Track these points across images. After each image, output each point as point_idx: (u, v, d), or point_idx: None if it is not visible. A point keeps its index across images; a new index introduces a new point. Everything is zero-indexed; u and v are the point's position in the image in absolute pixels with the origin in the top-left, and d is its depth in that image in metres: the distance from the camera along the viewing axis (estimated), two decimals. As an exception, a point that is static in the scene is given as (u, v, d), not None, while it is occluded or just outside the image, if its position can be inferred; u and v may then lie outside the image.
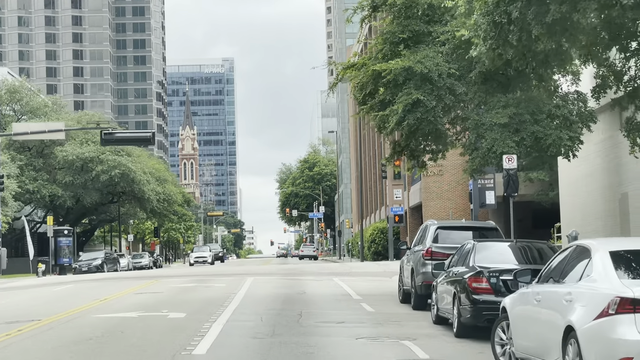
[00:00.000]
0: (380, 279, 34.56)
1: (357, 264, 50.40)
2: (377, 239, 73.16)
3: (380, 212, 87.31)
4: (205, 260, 74.56)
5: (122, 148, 77.11)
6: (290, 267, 45.30)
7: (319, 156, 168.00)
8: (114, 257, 66.13)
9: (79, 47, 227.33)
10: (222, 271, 42.73)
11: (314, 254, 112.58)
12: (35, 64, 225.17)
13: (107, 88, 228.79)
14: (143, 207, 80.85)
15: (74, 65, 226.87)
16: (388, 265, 43.20)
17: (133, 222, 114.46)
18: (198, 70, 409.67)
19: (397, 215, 58.82)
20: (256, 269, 45.62)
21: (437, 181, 58.52)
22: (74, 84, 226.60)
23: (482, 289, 14.74)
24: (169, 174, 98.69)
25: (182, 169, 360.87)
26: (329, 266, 45.26)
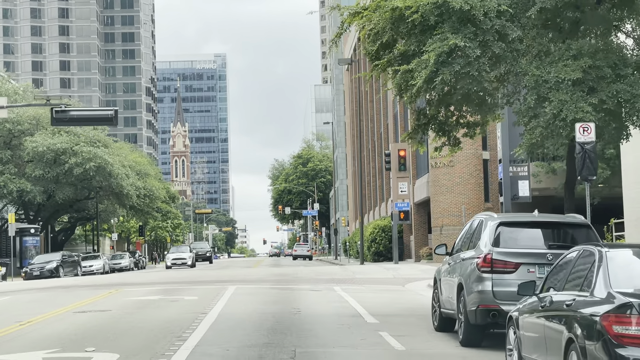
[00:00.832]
0: (392, 289, 27.84)
1: (358, 267, 43.58)
2: (378, 238, 66.46)
3: (381, 208, 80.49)
4: (184, 262, 64.52)
5: (98, 139, 70.22)
6: (282, 272, 38.37)
7: (313, 151, 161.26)
8: (73, 260, 58.48)
9: (66, 40, 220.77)
10: (201, 277, 35.99)
11: (308, 254, 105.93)
12: (21, 57, 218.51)
13: (95, 82, 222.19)
14: (122, 203, 73.75)
15: (61, 59, 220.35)
16: (397, 270, 36.39)
17: (118, 220, 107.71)
18: (190, 66, 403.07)
19: (402, 212, 52.18)
20: (243, 273, 38.73)
21: (447, 173, 51.87)
22: (61, 79, 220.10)
23: (634, 338, 7.90)
24: (153, 168, 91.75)
25: (173, 166, 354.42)
26: (327, 270, 38.41)
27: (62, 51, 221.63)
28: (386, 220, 67.70)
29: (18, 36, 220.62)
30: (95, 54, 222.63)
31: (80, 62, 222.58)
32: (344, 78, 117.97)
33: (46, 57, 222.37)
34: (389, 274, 34.60)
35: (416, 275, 33.26)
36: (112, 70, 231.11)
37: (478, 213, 17.22)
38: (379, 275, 33.78)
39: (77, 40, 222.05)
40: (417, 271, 35.69)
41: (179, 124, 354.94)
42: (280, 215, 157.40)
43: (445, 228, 51.97)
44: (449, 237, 51.67)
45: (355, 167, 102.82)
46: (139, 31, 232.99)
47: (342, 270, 38.33)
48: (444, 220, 52.01)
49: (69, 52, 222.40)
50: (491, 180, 53.08)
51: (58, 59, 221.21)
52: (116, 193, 71.15)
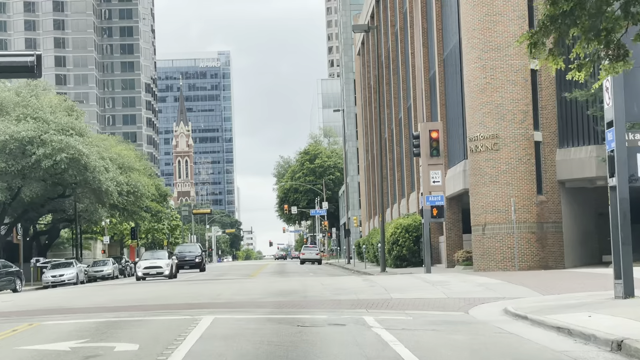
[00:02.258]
0: (457, 320, 17.78)
1: (385, 278, 33.28)
2: (400, 240, 56.29)
3: (400, 205, 70.24)
4: (160, 271, 50.87)
5: (72, 126, 59.94)
6: (287, 287, 27.96)
7: (321, 147, 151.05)
8: (10, 272, 46.38)
9: (61, 35, 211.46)
10: (174, 296, 25.84)
11: (317, 258, 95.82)
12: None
13: (92, 79, 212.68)
14: (100, 201, 63.29)
15: (56, 54, 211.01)
16: (444, 285, 25.98)
17: (110, 222, 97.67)
18: (193, 64, 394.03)
19: (435, 207, 41.97)
20: (234, 289, 28.36)
21: (490, 159, 41.68)
22: (56, 75, 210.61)
23: None
24: (142, 162, 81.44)
25: (177, 166, 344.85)
26: (347, 284, 28.14)
27: (58, 46, 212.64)
28: (410, 219, 57.51)
29: (11, 31, 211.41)
30: (92, 49, 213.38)
31: (76, 57, 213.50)
32: (355, 65, 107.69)
33: (41, 53, 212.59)
34: (435, 290, 24.37)
35: (475, 293, 23.14)
36: (110, 66, 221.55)
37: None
38: (423, 293, 23.56)
39: (72, 35, 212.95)
40: (470, 285, 25.53)
41: (182, 123, 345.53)
42: (287, 215, 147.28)
43: (488, 227, 41.80)
44: (493, 238, 41.51)
45: (369, 161, 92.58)
46: (137, 25, 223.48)
47: (367, 283, 28.02)
48: (487, 218, 41.85)
49: (65, 48, 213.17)
50: (544, 168, 42.84)
51: (53, 54, 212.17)
52: (93, 189, 60.79)
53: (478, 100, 42.36)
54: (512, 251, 41.08)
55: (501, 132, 41.69)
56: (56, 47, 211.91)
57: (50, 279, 55.26)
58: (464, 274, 34.63)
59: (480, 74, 42.30)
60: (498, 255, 41.37)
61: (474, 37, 42.58)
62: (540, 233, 41.76)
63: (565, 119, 43.01)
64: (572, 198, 43.52)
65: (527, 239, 41.42)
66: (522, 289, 23.83)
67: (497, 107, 41.85)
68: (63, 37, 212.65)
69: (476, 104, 42.47)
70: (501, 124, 41.73)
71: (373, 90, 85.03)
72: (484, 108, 42.14)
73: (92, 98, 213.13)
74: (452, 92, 49.59)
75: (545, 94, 43.06)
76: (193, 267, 66.66)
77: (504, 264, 41.17)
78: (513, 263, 40.95)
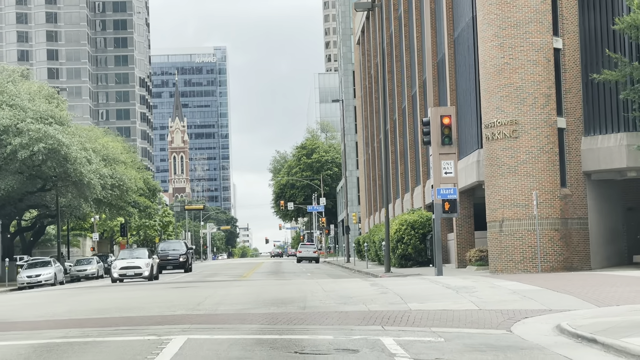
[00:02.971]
0: (504, 343, 13.64)
1: (395, 282, 28.98)
2: (405, 237, 52.00)
3: (404, 200, 65.96)
4: (139, 272, 45.17)
5: (52, 115, 55.56)
6: (282, 294, 23.48)
7: (318, 141, 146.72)
8: None
9: (54, 27, 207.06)
10: (146, 304, 21.36)
11: (315, 256, 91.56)
12: (5, 46, 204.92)
13: (85, 73, 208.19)
14: (82, 195, 58.62)
15: (48, 47, 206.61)
16: (471, 293, 21.56)
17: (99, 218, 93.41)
18: (188, 59, 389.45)
19: (447, 201, 37.68)
20: (219, 295, 23.88)
21: (509, 148, 37.39)
22: (49, 69, 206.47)
23: None
24: (130, 155, 76.89)
25: (172, 162, 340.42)
26: (352, 290, 23.81)
27: (50, 39, 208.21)
28: (416, 214, 53.25)
29: (3, 24, 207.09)
30: (85, 43, 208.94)
31: (69, 51, 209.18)
32: (354, 55, 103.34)
33: (33, 46, 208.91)
34: (461, 299, 20.10)
35: (511, 303, 18.91)
36: (104, 59, 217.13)
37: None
38: (448, 303, 19.29)
39: (65, 28, 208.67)
40: (501, 292, 21.30)
41: (177, 119, 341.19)
42: (283, 211, 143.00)
43: (507, 223, 37.54)
44: (512, 235, 37.28)
45: (369, 155, 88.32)
46: (131, 19, 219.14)
47: (376, 289, 23.75)
48: (505, 213, 37.57)
49: (57, 41, 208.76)
50: (568, 157, 38.59)
51: (45, 47, 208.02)
52: (74, 182, 56.31)
53: (495, 83, 38.11)
54: (534, 250, 36.84)
55: (521, 117, 37.42)
56: (48, 40, 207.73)
57: (25, 279, 50.93)
58: (486, 277, 30.36)
59: (497, 53, 38.05)
60: (517, 254, 37.13)
61: (491, 13, 38.30)
62: (564, 230, 37.52)
63: (592, 103, 38.75)
64: (599, 191, 39.26)
65: (549, 237, 37.18)
66: (567, 298, 19.60)
67: (516, 90, 37.58)
68: (55, 30, 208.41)
69: (493, 86, 38.21)
70: (521, 109, 37.47)
71: (374, 80, 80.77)
72: (501, 91, 37.88)
73: (85, 92, 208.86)
74: (464, 76, 45.29)
75: (569, 76, 38.82)
76: (177, 267, 59.85)
77: (524, 264, 36.94)
78: (534, 264, 36.71)
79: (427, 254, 51.89)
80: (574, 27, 38.81)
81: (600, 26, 38.49)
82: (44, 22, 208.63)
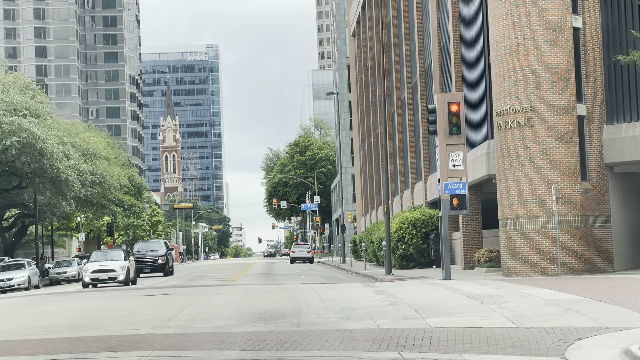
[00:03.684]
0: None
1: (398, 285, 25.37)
2: (407, 237, 48.31)
3: (403, 197, 62.28)
4: (113, 276, 40.24)
5: (26, 107, 51.73)
6: (272, 303, 19.70)
7: (312, 138, 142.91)
8: None
9: (42, 24, 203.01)
10: (105, 319, 17.37)
11: (309, 256, 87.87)
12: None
13: (74, 70, 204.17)
14: (60, 192, 54.56)
15: (37, 44, 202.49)
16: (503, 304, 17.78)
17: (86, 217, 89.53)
18: (180, 57, 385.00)
19: (455, 197, 34.06)
20: (199, 306, 20.10)
21: (524, 137, 33.74)
22: (37, 66, 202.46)
23: None
24: (114, 151, 72.95)
25: (164, 161, 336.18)
26: (355, 298, 20.00)
27: (38, 36, 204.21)
28: (417, 212, 49.57)
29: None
30: (74, 40, 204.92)
31: (57, 48, 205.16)
32: (349, 48, 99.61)
33: (20, 43, 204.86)
34: (490, 312, 16.42)
35: (553, 318, 15.29)
36: (93, 57, 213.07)
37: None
38: (475, 319, 15.62)
39: (53, 25, 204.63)
40: (536, 303, 17.67)
41: (169, 117, 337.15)
42: (276, 210, 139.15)
43: (521, 221, 33.88)
44: (527, 234, 33.65)
45: (364, 151, 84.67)
46: (121, 15, 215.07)
47: (383, 298, 20.08)
48: (520, 209, 33.91)
49: (46, 37, 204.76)
50: (589, 148, 34.96)
51: (34, 44, 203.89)
52: (51, 179, 52.44)
53: (508, 66, 34.45)
54: (552, 251, 33.22)
55: (537, 104, 33.79)
56: (37, 37, 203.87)
57: None
58: (503, 281, 26.68)
59: (510, 33, 34.40)
60: (533, 255, 33.49)
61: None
62: (584, 228, 33.90)
63: (615, 88, 35.12)
64: (623, 185, 35.64)
65: (569, 236, 33.55)
66: (621, 310, 15.96)
67: (531, 74, 33.94)
68: (44, 27, 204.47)
69: (505, 70, 34.56)
70: (537, 95, 33.83)
71: (370, 72, 77.12)
72: (515, 75, 34.24)
73: (74, 90, 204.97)
74: (472, 60, 41.62)
75: (590, 58, 35.21)
76: (155, 270, 53.77)
77: (541, 266, 33.31)
78: (553, 266, 33.08)
79: (430, 255, 48.31)
80: (595, 5, 35.20)
81: (624, 3, 34.87)
82: (31, 18, 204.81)
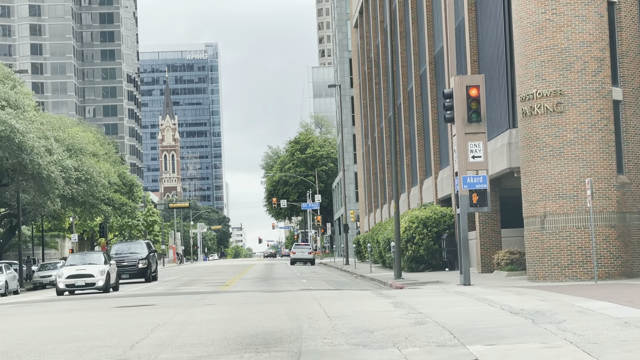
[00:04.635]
0: None
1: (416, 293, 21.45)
2: (417, 237, 44.40)
3: (410, 195, 58.42)
4: (92, 282, 35.96)
5: (5, 97, 47.79)
6: (266, 325, 15.69)
7: (313, 136, 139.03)
8: None
9: (37, 21, 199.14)
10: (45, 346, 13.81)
11: (310, 257, 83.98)
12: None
13: (70, 68, 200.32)
14: (42, 189, 50.29)
15: (32, 42, 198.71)
16: (561, 323, 14.01)
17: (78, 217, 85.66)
18: (179, 56, 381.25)
19: (475, 192, 30.23)
20: (170, 330, 15.90)
21: (553, 125, 29.87)
22: (32, 64, 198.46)
23: None
24: (104, 147, 68.95)
25: (163, 161, 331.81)
26: (369, 314, 15.90)
27: (34, 33, 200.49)
28: (428, 210, 45.67)
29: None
30: (70, 37, 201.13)
31: (53, 45, 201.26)
32: (351, 41, 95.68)
33: (16, 41, 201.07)
34: (549, 335, 12.64)
35: (637, 347, 11.27)
36: (90, 54, 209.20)
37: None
38: (534, 347, 11.85)
39: (49, 22, 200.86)
40: (605, 322, 13.80)
41: (167, 116, 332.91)
42: (276, 210, 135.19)
43: (550, 218, 30.00)
44: (557, 234, 29.80)
45: (368, 147, 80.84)
46: (118, 12, 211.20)
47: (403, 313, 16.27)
48: (548, 206, 30.03)
49: (41, 35, 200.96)
50: (626, 137, 31.07)
51: (29, 42, 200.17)
52: (32, 175, 48.44)
53: (534, 45, 30.57)
54: (586, 252, 29.36)
55: (567, 87, 29.90)
56: (32, 35, 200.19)
57: None
58: (541, 290, 22.81)
59: (536, 8, 30.50)
60: (564, 258, 29.62)
61: (529, -43, 30.76)
62: (621, 227, 30.02)
63: (654, 69, 31.25)
64: None
65: (604, 236, 29.69)
66: None
67: (560, 53, 30.06)
68: (39, 24, 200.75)
69: (531, 49, 30.67)
70: (567, 77, 29.94)
71: (374, 64, 73.23)
72: (542, 55, 30.35)
73: (70, 88, 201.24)
74: (490, 41, 37.72)
75: (626, 36, 31.34)
76: (135, 275, 47.15)
77: (572, 270, 29.45)
78: (587, 269, 29.22)
79: (442, 256, 44.44)
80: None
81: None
82: (27, 15, 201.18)
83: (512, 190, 38.52)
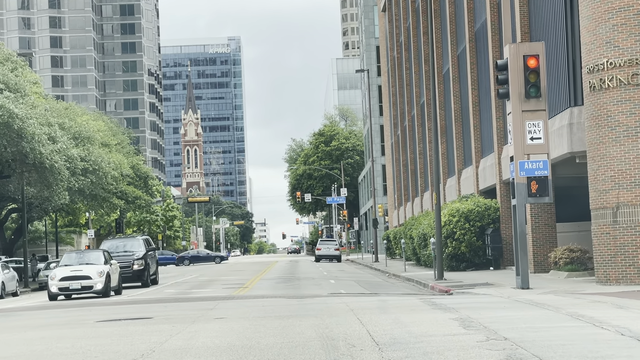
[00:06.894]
0: None
1: (480, 307, 16.55)
2: (457, 232, 39.78)
3: (447, 186, 53.75)
4: (88, 285, 31.50)
5: (3, 80, 43.47)
6: (291, 343, 11.24)
7: (337, 127, 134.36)
8: None
9: (57, 14, 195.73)
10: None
11: (336, 254, 79.43)
12: (7, 33, 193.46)
13: (91, 61, 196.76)
14: (45, 181, 45.75)
15: (52, 34, 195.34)
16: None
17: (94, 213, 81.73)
18: (202, 50, 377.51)
19: (535, 180, 25.59)
20: (167, 353, 11.79)
21: (627, 100, 25.25)
22: (52, 57, 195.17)
23: None
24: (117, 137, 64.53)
25: (185, 156, 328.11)
26: (430, 338, 11.03)
27: (53, 26, 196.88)
28: (471, 202, 40.97)
29: (3, 10, 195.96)
30: (90, 29, 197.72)
31: (73, 38, 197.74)
32: (379, 26, 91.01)
33: (35, 33, 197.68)
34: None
35: None
36: (110, 47, 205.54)
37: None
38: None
39: (69, 14, 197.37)
40: None
41: (190, 111, 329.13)
42: (300, 204, 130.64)
43: (624, 211, 25.35)
44: (632, 228, 25.14)
45: (397, 137, 76.23)
46: (139, 4, 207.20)
47: (474, 333, 11.65)
48: (622, 195, 25.41)
49: (61, 27, 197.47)
50: None
51: (49, 34, 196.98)
52: (34, 165, 44.09)
53: (604, 7, 25.88)
54: (669, 250, 24.70)
55: (645, 55, 25.20)
56: (52, 27, 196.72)
57: None
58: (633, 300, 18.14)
59: (607, -38, 25.83)
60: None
61: None
62: None
63: None
64: None
65: (689, 231, 25.02)
66: None
67: (637, 15, 25.38)
68: (59, 16, 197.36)
69: (600, 11, 25.98)
70: (646, 42, 25.25)
71: (404, 48, 68.54)
72: (614, 17, 25.66)
73: (90, 81, 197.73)
74: (545, 4, 32.96)
75: None
76: (128, 279, 39.28)
77: (652, 271, 24.80)
78: (671, 270, 24.55)
79: (486, 254, 39.79)
80: None
81: None
82: (46, 8, 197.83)
83: (569, 178, 33.93)
